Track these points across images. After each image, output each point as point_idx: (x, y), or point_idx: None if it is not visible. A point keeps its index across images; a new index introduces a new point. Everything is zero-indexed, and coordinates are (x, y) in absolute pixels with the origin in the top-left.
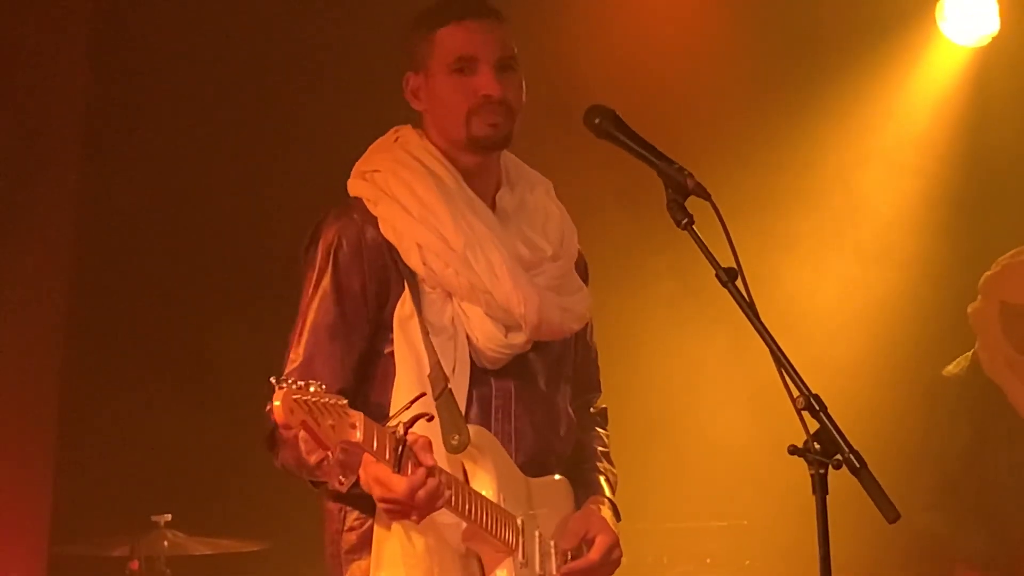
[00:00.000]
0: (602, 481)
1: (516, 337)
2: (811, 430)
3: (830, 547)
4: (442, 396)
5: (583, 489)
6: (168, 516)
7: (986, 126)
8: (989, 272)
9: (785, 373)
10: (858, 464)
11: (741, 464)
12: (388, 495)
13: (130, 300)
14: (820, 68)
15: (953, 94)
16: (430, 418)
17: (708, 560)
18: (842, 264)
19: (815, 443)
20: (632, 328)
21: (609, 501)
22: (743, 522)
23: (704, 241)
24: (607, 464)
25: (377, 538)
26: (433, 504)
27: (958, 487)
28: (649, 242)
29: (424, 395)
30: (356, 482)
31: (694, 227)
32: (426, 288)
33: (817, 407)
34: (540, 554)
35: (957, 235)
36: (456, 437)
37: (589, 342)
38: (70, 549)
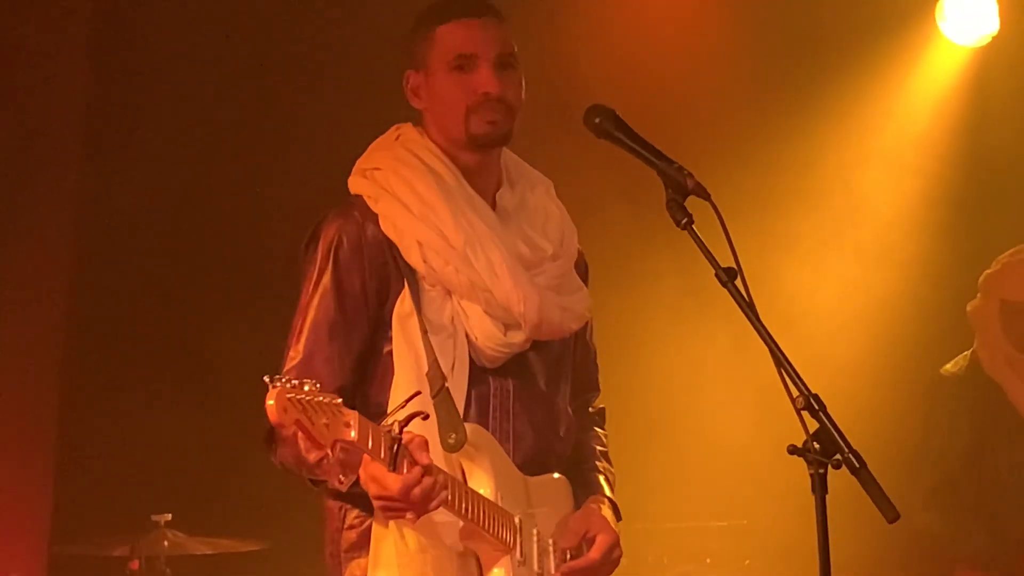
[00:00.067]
0: (602, 480)
1: (515, 336)
2: (811, 430)
3: (830, 547)
4: (439, 394)
5: (583, 488)
6: (168, 516)
7: (986, 126)
8: (989, 270)
9: (785, 373)
10: (858, 464)
11: (741, 464)
12: (383, 493)
13: (130, 300)
14: (820, 68)
15: (953, 94)
16: (426, 416)
17: (708, 560)
18: (842, 264)
19: (815, 443)
20: (632, 328)
21: (609, 500)
22: (743, 522)
23: (704, 241)
24: (606, 464)
25: (375, 537)
26: (428, 502)
27: (958, 487)
28: (650, 242)
29: (420, 393)
30: (356, 480)
31: (694, 227)
32: (426, 286)
33: (817, 407)
34: (538, 552)
35: (957, 235)
36: (453, 435)
37: (588, 342)
38: (70, 549)
